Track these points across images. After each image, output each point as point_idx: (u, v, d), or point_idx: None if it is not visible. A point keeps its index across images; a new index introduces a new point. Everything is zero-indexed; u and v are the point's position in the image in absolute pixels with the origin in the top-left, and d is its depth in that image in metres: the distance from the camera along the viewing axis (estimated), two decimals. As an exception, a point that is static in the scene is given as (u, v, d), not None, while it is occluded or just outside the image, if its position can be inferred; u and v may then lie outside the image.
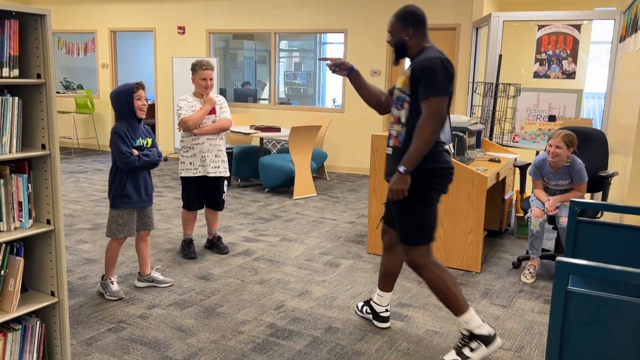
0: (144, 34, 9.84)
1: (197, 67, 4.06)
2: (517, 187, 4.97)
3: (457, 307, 2.72)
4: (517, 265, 4.17)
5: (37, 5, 9.95)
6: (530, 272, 3.95)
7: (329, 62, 2.92)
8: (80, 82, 10.65)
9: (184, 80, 8.26)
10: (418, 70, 2.59)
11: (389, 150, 2.81)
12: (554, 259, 4.16)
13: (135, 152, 3.33)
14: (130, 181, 3.35)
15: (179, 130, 4.20)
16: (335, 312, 3.34)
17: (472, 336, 2.71)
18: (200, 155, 4.11)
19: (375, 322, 3.17)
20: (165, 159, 8.99)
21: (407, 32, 2.69)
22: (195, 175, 4.14)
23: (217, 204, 4.30)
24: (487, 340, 2.70)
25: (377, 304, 3.17)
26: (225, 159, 4.25)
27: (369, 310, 3.23)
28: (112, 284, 3.46)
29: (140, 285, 3.63)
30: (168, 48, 9.11)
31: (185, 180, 4.19)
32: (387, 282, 3.12)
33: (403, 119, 2.70)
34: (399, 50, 2.75)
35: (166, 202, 6.05)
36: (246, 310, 3.32)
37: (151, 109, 9.19)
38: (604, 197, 3.97)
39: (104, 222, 5.14)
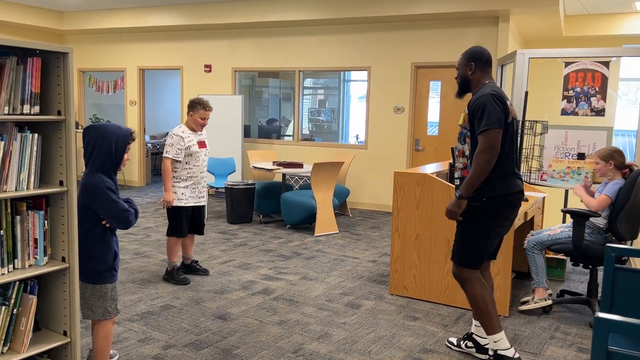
0: (171, 71, 10.07)
1: (199, 107, 4.37)
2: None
3: (490, 325, 2.97)
4: (549, 309, 3.97)
5: (70, 45, 10.31)
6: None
7: None
8: (109, 118, 10.89)
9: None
10: (473, 107, 2.90)
11: (457, 182, 3.07)
12: (588, 303, 3.98)
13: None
14: (116, 247, 2.72)
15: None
16: (356, 356, 3.20)
17: (496, 356, 2.96)
18: (192, 187, 4.40)
19: (479, 355, 3.22)
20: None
21: (470, 68, 3.02)
22: (187, 205, 4.39)
23: (200, 229, 4.58)
24: None
25: (479, 336, 3.22)
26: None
27: (470, 344, 3.26)
28: None
29: None
30: (195, 85, 9.28)
31: (176, 209, 4.37)
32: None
33: (467, 153, 3.02)
34: (462, 84, 3.08)
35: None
36: (263, 352, 3.21)
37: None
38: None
39: (122, 258, 5.11)
